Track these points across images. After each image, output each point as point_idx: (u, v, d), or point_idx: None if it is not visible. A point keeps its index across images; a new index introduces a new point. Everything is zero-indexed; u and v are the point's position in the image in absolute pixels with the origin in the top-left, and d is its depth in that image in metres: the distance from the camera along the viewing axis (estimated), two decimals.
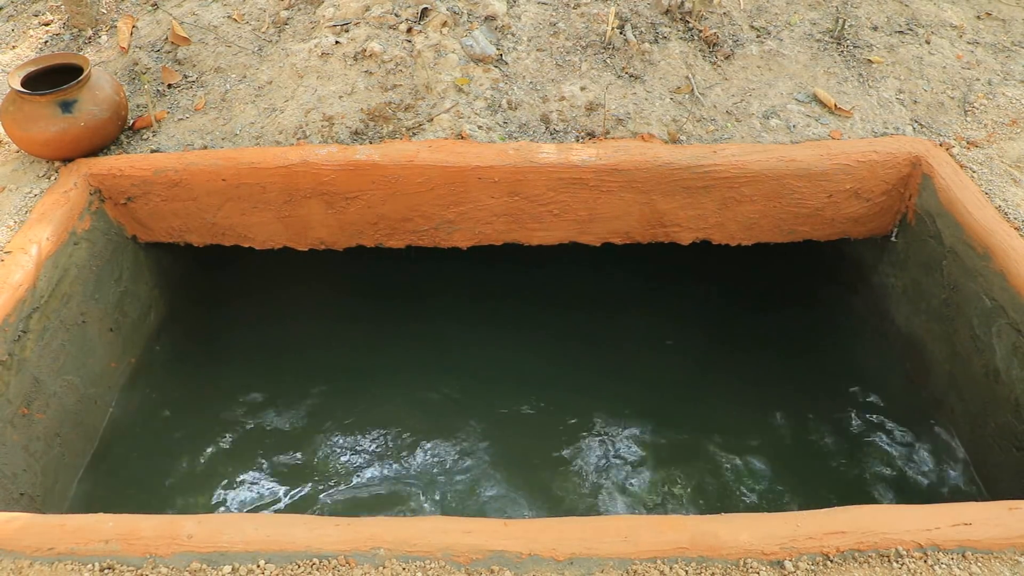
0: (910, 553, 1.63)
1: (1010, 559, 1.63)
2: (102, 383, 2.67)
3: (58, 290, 2.42)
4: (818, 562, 1.62)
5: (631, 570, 1.61)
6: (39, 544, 1.66)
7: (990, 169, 2.53)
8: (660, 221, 2.68)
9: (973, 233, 2.36)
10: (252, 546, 1.64)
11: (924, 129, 2.67)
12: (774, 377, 2.98)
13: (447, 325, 3.20)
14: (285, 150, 2.59)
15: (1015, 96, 2.79)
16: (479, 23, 2.95)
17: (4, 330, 2.19)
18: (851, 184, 2.59)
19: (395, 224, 2.70)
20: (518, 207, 2.63)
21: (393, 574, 1.60)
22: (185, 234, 2.77)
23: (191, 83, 2.90)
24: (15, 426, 2.25)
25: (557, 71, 2.84)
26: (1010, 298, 2.24)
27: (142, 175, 2.59)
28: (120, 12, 3.29)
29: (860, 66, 2.87)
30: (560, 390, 2.94)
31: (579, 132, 2.64)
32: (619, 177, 2.55)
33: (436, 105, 2.70)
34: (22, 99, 2.50)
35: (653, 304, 3.28)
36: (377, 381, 2.98)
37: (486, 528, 1.68)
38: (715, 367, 3.00)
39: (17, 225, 2.41)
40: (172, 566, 1.63)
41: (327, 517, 1.70)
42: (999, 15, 3.14)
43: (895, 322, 2.83)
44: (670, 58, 2.87)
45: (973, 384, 2.43)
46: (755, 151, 2.56)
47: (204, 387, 2.95)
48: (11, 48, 3.28)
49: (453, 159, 2.53)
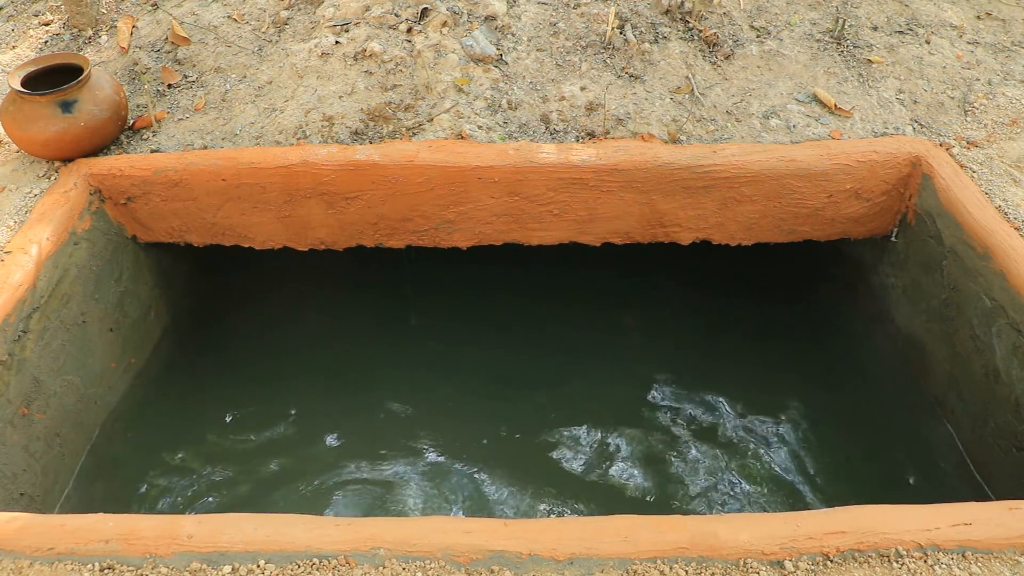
0: (910, 553, 1.63)
1: (1010, 559, 1.63)
2: (102, 383, 2.66)
3: (58, 290, 2.42)
4: (818, 562, 1.62)
5: (631, 570, 1.61)
6: (39, 544, 1.66)
7: (990, 169, 2.53)
8: (660, 221, 2.68)
9: (973, 233, 2.36)
10: (252, 546, 1.64)
11: (924, 129, 2.67)
12: (774, 377, 2.98)
13: (448, 324, 3.20)
14: (285, 150, 2.59)
15: (1015, 96, 2.79)
16: (479, 23, 2.95)
17: (4, 330, 2.19)
18: (851, 184, 2.59)
19: (395, 224, 2.70)
20: (518, 207, 2.63)
21: (393, 574, 1.60)
22: (185, 234, 2.77)
23: (191, 83, 2.90)
24: (15, 426, 2.24)
25: (557, 71, 2.84)
26: (1010, 298, 2.24)
27: (142, 175, 2.59)
28: (120, 12, 3.29)
29: (860, 66, 2.87)
30: (562, 388, 2.94)
31: (579, 132, 2.64)
32: (619, 177, 2.55)
33: (436, 105, 2.70)
34: (22, 99, 2.49)
35: (652, 304, 3.28)
36: (378, 380, 2.98)
37: (486, 528, 1.68)
38: (714, 367, 3.00)
39: (17, 225, 2.41)
40: (172, 566, 1.63)
41: (327, 517, 1.70)
42: (999, 15, 3.14)
43: (895, 322, 2.83)
44: (670, 58, 2.87)
45: (973, 384, 2.43)
46: (755, 151, 2.56)
47: (204, 386, 2.95)
48: (11, 48, 3.28)
49: (453, 159, 2.53)
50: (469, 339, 3.13)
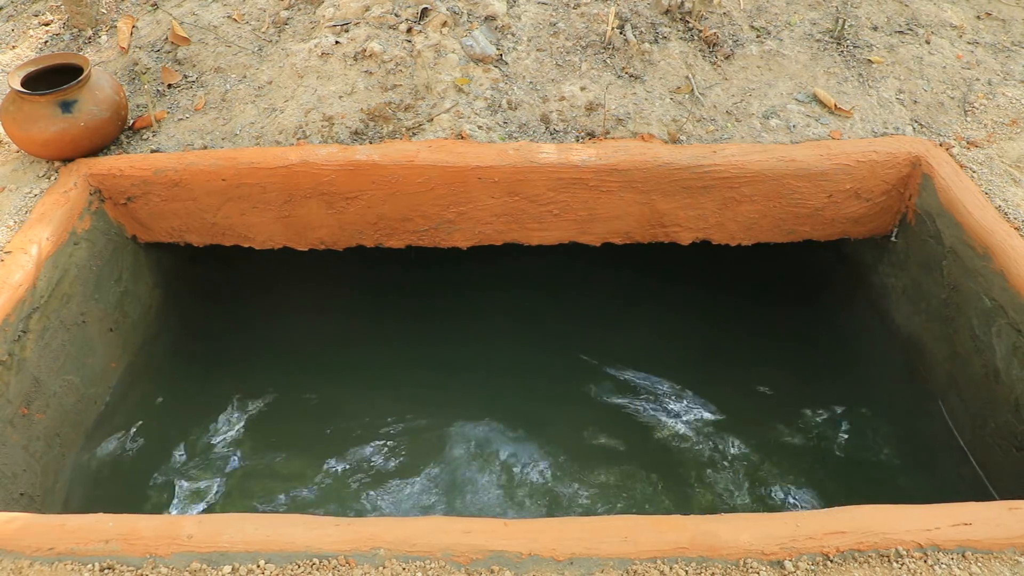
0: (910, 553, 1.63)
1: (1010, 559, 1.63)
2: (102, 383, 2.66)
3: (58, 290, 2.42)
4: (818, 562, 1.62)
5: (631, 570, 1.61)
6: (39, 544, 1.66)
7: (990, 169, 2.53)
8: (660, 221, 2.68)
9: (973, 233, 2.36)
10: (252, 546, 1.64)
11: (924, 129, 2.67)
12: (773, 377, 2.98)
13: (449, 322, 3.20)
14: (285, 150, 2.59)
15: (1015, 96, 2.79)
16: (479, 23, 2.95)
17: (4, 330, 2.19)
18: (851, 184, 2.59)
19: (395, 224, 2.70)
20: (518, 207, 2.63)
21: (393, 574, 1.60)
22: (185, 234, 2.77)
23: (191, 83, 2.90)
24: (15, 426, 2.25)
25: (557, 71, 2.84)
26: (1010, 298, 2.24)
27: (142, 175, 2.59)
28: (120, 12, 3.29)
29: (860, 66, 2.87)
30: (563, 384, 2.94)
31: (579, 132, 2.64)
32: (619, 177, 2.55)
33: (436, 105, 2.70)
34: (22, 99, 2.50)
35: (650, 304, 3.28)
36: (379, 379, 2.98)
37: (486, 528, 1.68)
38: (713, 367, 3.00)
39: (17, 225, 2.41)
40: (172, 566, 1.63)
41: (327, 517, 1.70)
42: (999, 15, 3.14)
43: (895, 322, 2.83)
44: (670, 58, 2.87)
45: (973, 384, 2.43)
46: (755, 151, 2.56)
47: (204, 386, 2.95)
48: (11, 48, 3.28)
49: (453, 159, 2.53)
50: (472, 335, 3.13)
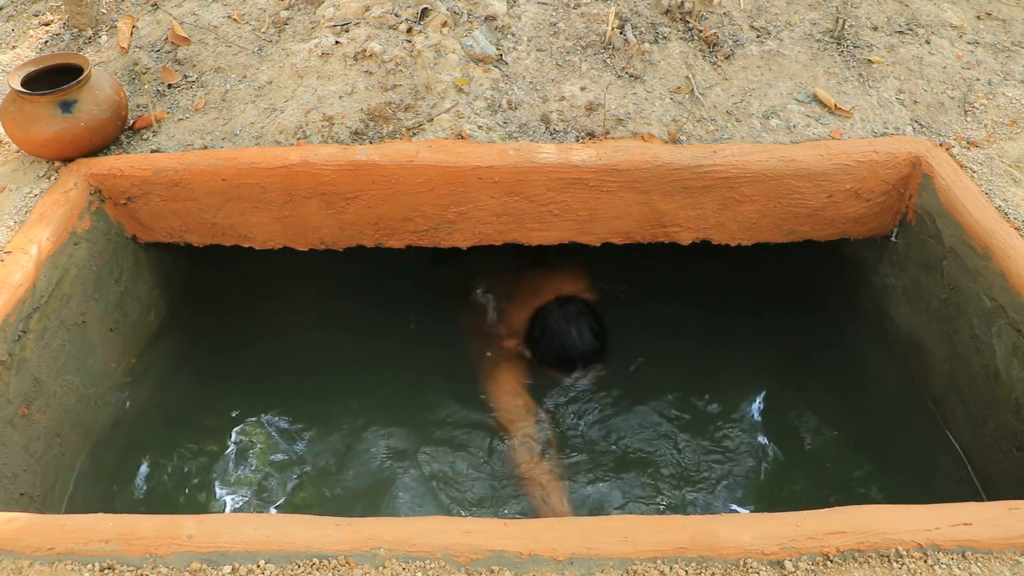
0: (910, 553, 1.63)
1: (1010, 559, 1.63)
2: (102, 383, 2.67)
3: (58, 290, 2.42)
4: (818, 562, 1.62)
5: (631, 570, 1.61)
6: (39, 544, 1.66)
7: (990, 169, 2.53)
8: (660, 221, 2.68)
9: (973, 233, 2.36)
10: (252, 546, 1.64)
11: (924, 129, 2.67)
12: (772, 377, 2.98)
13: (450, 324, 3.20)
14: (285, 150, 2.59)
15: (1015, 96, 2.79)
16: (479, 23, 2.95)
17: (4, 330, 2.19)
18: (851, 184, 2.59)
19: (395, 224, 2.70)
20: (518, 207, 2.63)
21: (393, 574, 1.60)
22: (185, 234, 2.77)
23: (191, 83, 2.90)
24: (15, 426, 2.25)
25: (557, 71, 2.84)
26: (1010, 298, 2.24)
27: (142, 175, 2.59)
28: (120, 12, 3.29)
29: (860, 66, 2.87)
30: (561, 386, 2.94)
31: (579, 132, 2.64)
32: (619, 177, 2.55)
33: (436, 105, 2.70)
34: (22, 99, 2.50)
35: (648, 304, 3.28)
36: (379, 379, 2.98)
37: (486, 528, 1.68)
38: (712, 367, 3.00)
39: (17, 225, 2.41)
40: (172, 566, 1.63)
41: (327, 517, 1.70)
42: (999, 15, 3.14)
43: (895, 322, 2.83)
44: (670, 58, 2.87)
45: (973, 384, 2.43)
46: (755, 151, 2.56)
47: (205, 387, 2.95)
48: (11, 48, 3.28)
49: (453, 159, 2.53)
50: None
